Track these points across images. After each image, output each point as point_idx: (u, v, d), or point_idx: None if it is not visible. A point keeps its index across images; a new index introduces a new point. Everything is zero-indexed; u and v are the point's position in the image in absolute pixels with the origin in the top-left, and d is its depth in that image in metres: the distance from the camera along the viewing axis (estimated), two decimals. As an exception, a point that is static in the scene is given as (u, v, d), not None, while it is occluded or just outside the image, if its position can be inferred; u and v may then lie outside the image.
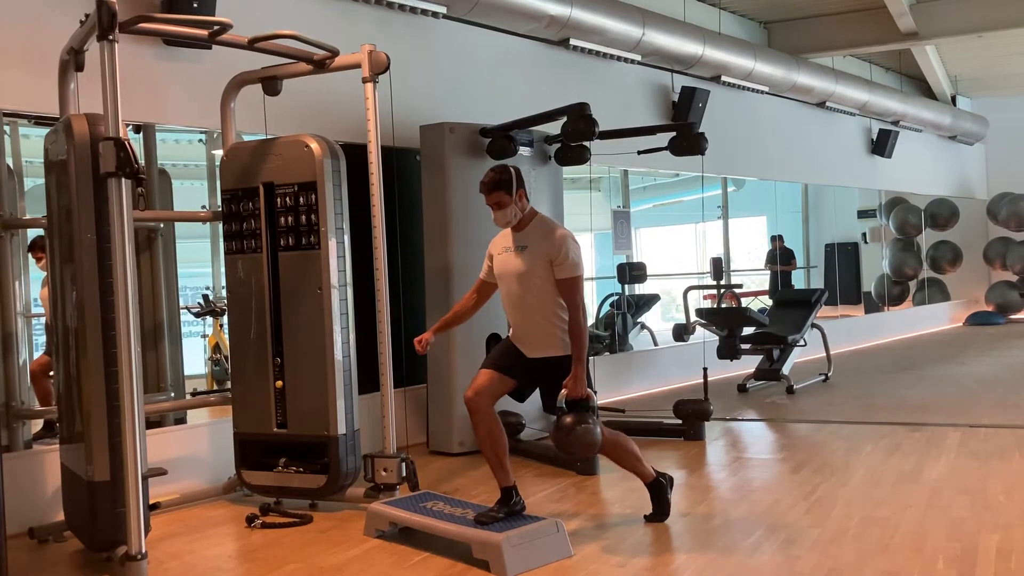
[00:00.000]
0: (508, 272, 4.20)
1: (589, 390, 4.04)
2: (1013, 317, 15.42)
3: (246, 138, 5.35)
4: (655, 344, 10.33)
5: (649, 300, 10.95)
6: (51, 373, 5.68)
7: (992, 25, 10.97)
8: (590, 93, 6.91)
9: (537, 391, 4.29)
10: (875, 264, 15.29)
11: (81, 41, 4.18)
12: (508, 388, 4.21)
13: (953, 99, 15.33)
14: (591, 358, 4.29)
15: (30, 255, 5.89)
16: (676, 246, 14.22)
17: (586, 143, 6.46)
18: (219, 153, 5.34)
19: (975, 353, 11.21)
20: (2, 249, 4.92)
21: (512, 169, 4.20)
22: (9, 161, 5.82)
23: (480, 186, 4.21)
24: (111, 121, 3.64)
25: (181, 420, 5.94)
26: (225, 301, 5.38)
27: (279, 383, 4.92)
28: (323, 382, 4.79)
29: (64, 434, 4.23)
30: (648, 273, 9.52)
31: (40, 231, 5.39)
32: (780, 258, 12.98)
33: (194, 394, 7.24)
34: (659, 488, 4.42)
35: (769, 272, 13.27)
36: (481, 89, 7.23)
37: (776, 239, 13.11)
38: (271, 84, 5.13)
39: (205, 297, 8.10)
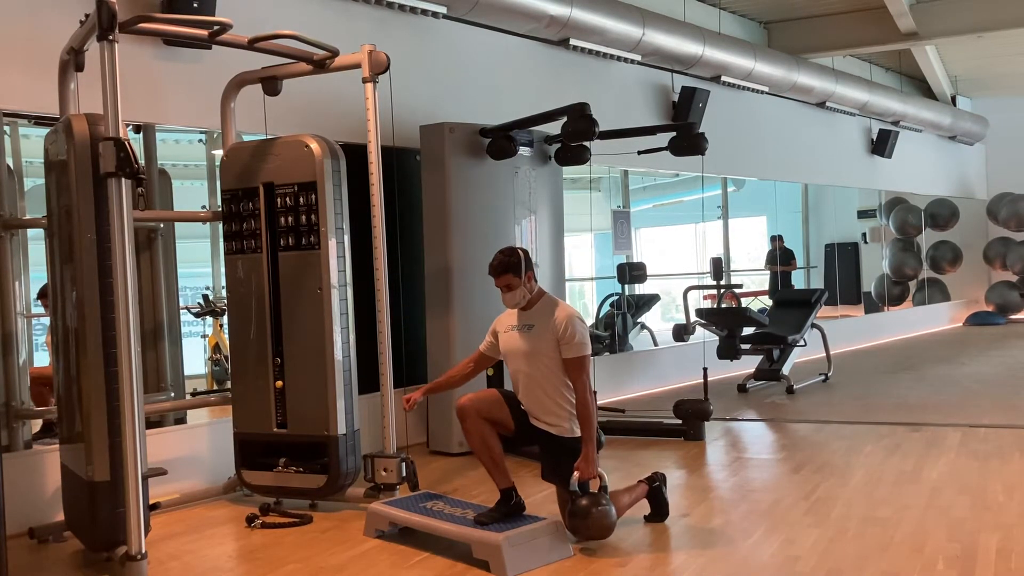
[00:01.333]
0: (515, 351, 4.19)
1: (600, 471, 4.04)
2: (1013, 317, 15.42)
3: (246, 138, 5.35)
4: (655, 344, 10.32)
5: (649, 300, 10.95)
6: (45, 386, 5.70)
7: (992, 25, 10.97)
8: (590, 93, 6.91)
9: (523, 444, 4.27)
10: (875, 264, 15.29)
11: (81, 41, 4.18)
12: (502, 418, 4.14)
13: (953, 99, 15.33)
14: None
15: (39, 300, 5.93)
16: (676, 246, 14.21)
17: (586, 143, 6.46)
18: (219, 153, 5.34)
19: (975, 353, 11.21)
20: (2, 249, 4.92)
21: (520, 251, 4.21)
22: (9, 161, 5.82)
23: (489, 268, 4.20)
24: (111, 121, 3.64)
25: (181, 420, 5.93)
26: (225, 301, 5.38)
27: (279, 383, 4.91)
28: (323, 382, 4.79)
29: (64, 434, 4.23)
30: (648, 273, 9.53)
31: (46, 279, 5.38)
32: (780, 258, 12.98)
33: (194, 394, 7.24)
34: (655, 492, 4.44)
35: (769, 272, 13.27)
36: (481, 89, 7.23)
37: (776, 239, 13.11)
38: (271, 84, 5.13)
39: (205, 297, 8.11)
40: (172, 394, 5.86)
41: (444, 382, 4.56)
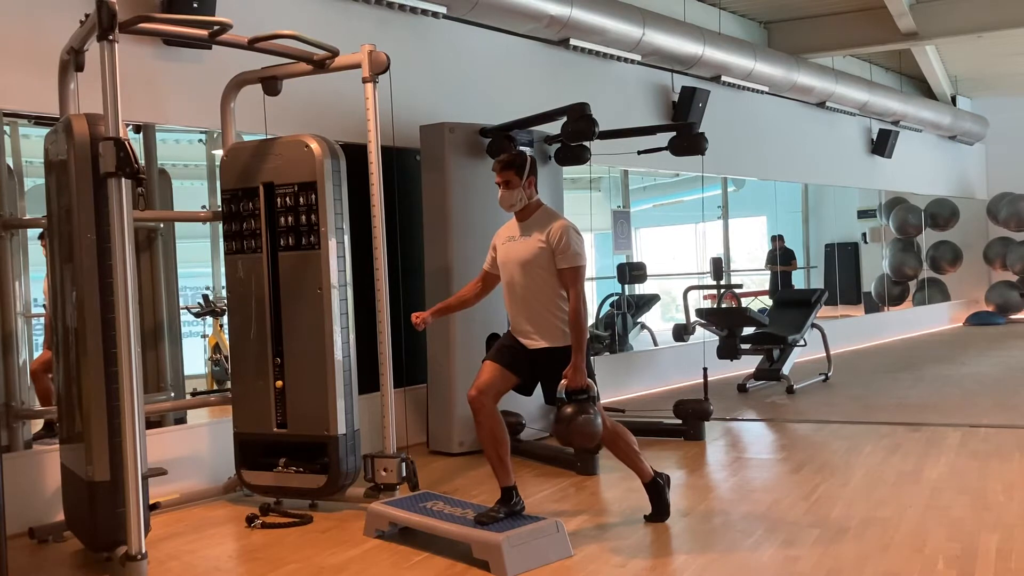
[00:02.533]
0: (510, 260, 4.22)
1: (589, 380, 4.04)
2: (1013, 317, 15.42)
3: (246, 138, 5.35)
4: (655, 344, 10.32)
5: (649, 300, 10.95)
6: (50, 374, 5.69)
7: (992, 25, 10.97)
8: (590, 93, 6.91)
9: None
10: (875, 264, 15.29)
11: (81, 41, 4.18)
12: (511, 385, 4.22)
13: (953, 99, 15.34)
14: (592, 357, 4.29)
15: (39, 241, 5.88)
16: (676, 246, 14.22)
17: (586, 143, 6.46)
18: (219, 153, 5.34)
19: (975, 353, 11.21)
20: (2, 249, 4.92)
21: (529, 156, 4.26)
22: (9, 161, 5.82)
23: (494, 163, 4.27)
24: (111, 121, 3.64)
25: (181, 420, 5.93)
26: (225, 301, 5.38)
27: (279, 383, 4.91)
28: (323, 382, 4.79)
29: (64, 434, 4.23)
30: (648, 273, 9.53)
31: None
32: (780, 258, 12.98)
33: (194, 394, 7.24)
34: (657, 488, 4.43)
35: (769, 272, 13.27)
36: (481, 89, 7.23)
37: (776, 239, 13.11)
38: (271, 84, 5.13)
39: (205, 297, 8.10)
40: (172, 394, 5.87)
41: (454, 302, 4.62)
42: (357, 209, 5.02)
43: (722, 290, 10.68)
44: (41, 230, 5.79)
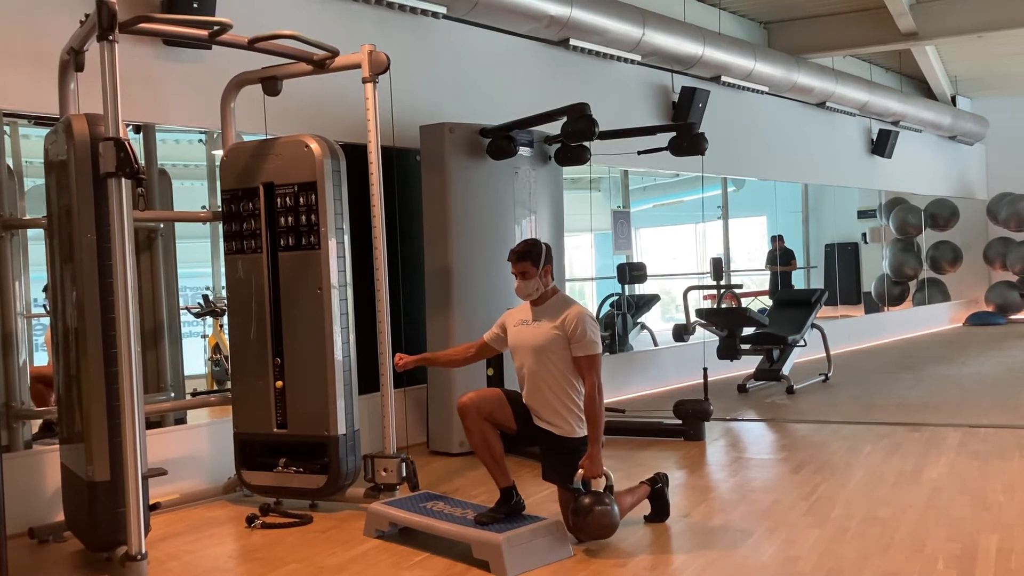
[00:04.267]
0: (523, 345, 4.19)
1: (606, 470, 4.03)
2: (1013, 317, 15.42)
3: (246, 138, 5.34)
4: (655, 344, 10.32)
5: (649, 300, 10.95)
6: (45, 384, 5.69)
7: (992, 25, 10.97)
8: (590, 93, 6.91)
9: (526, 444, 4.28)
10: (875, 264, 15.29)
11: (81, 41, 4.18)
12: (504, 418, 4.14)
13: (953, 99, 15.33)
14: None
15: (44, 295, 5.91)
16: (676, 246, 14.22)
17: (586, 143, 6.46)
18: (219, 153, 5.34)
19: (975, 353, 11.21)
20: (2, 249, 4.92)
21: (544, 245, 4.24)
22: (9, 161, 5.82)
23: (509, 253, 4.24)
24: (111, 121, 3.64)
25: (181, 420, 5.93)
26: (225, 301, 5.38)
27: (279, 383, 4.91)
28: (323, 382, 4.79)
29: (64, 434, 4.23)
30: (648, 273, 9.53)
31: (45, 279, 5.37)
32: (780, 258, 12.97)
33: (194, 394, 7.24)
34: (657, 493, 4.44)
35: (769, 272, 13.26)
36: (481, 89, 7.23)
37: (776, 239, 13.11)
38: (271, 84, 5.13)
39: (205, 297, 8.10)
40: (172, 394, 5.86)
41: (442, 358, 4.64)
42: (357, 209, 5.02)
43: (722, 290, 10.68)
44: (46, 286, 5.81)
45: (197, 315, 8.02)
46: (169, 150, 7.65)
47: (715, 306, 10.07)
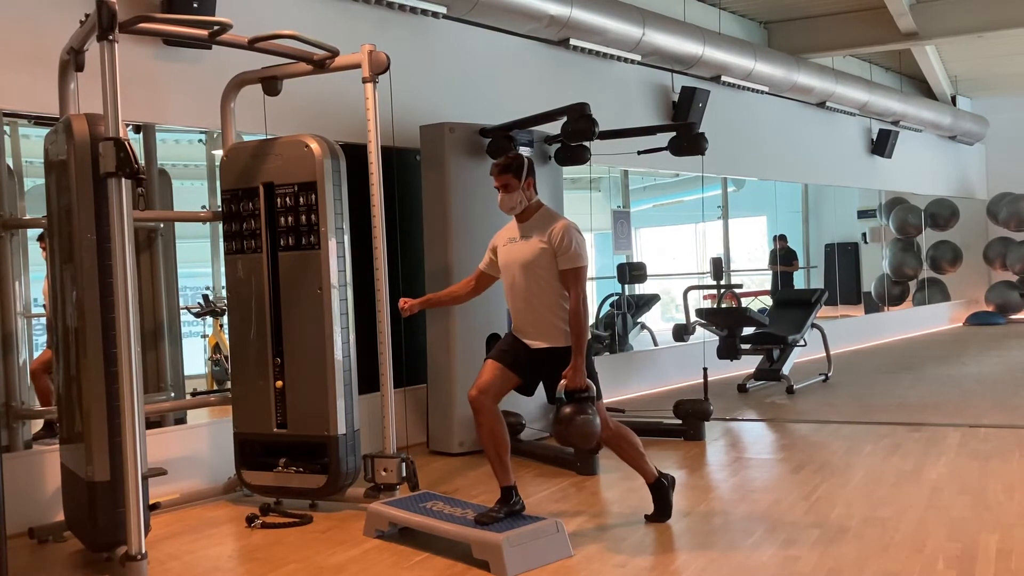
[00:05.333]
0: (512, 262, 4.22)
1: (589, 380, 4.04)
2: (1013, 317, 15.42)
3: (246, 138, 5.35)
4: (655, 344, 10.33)
5: (649, 300, 10.95)
6: (51, 372, 5.69)
7: (992, 25, 10.97)
8: (590, 93, 6.92)
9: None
10: (875, 264, 15.30)
11: (81, 41, 4.18)
12: (512, 385, 4.22)
13: (953, 99, 15.34)
14: (594, 357, 4.29)
15: (38, 243, 5.88)
16: (676, 246, 14.22)
17: (586, 143, 6.46)
18: (219, 153, 5.34)
19: (975, 353, 11.21)
20: (2, 249, 4.92)
21: (526, 158, 4.26)
22: (9, 161, 5.82)
23: (491, 167, 4.28)
24: (111, 121, 3.64)
25: (181, 420, 5.93)
26: (225, 301, 5.38)
27: (279, 383, 4.91)
28: (323, 382, 4.79)
29: (64, 434, 4.23)
30: (648, 273, 9.53)
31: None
32: (782, 259, 12.97)
33: (194, 394, 7.24)
34: (661, 488, 4.43)
35: (770, 272, 13.26)
36: (481, 89, 7.23)
37: (778, 239, 13.10)
38: (271, 84, 5.13)
39: (205, 297, 8.11)
40: (172, 394, 5.87)
41: (446, 297, 4.66)
42: (357, 209, 5.02)
43: (722, 290, 10.68)
44: (40, 232, 5.80)
45: (197, 315, 8.02)
46: (169, 150, 7.65)
47: (715, 306, 10.07)
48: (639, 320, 10.50)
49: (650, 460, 4.42)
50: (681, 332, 8.50)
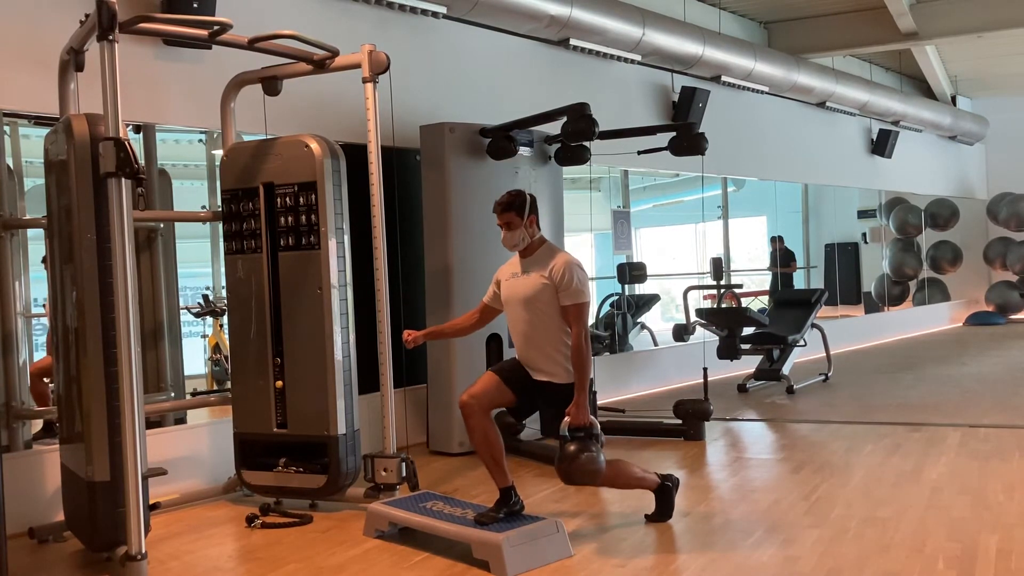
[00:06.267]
0: (514, 297, 4.21)
1: (592, 418, 4.04)
2: (1013, 317, 15.42)
3: (246, 138, 5.35)
4: (655, 344, 10.33)
5: (649, 300, 10.95)
6: (46, 380, 5.69)
7: (992, 25, 10.97)
8: (590, 93, 6.91)
9: (536, 414, 4.29)
10: (875, 264, 15.30)
11: (81, 41, 4.18)
12: (506, 401, 4.21)
13: (953, 99, 15.33)
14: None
15: (42, 264, 5.88)
16: (676, 246, 14.22)
17: (586, 143, 6.46)
18: (219, 153, 5.34)
19: (975, 353, 11.21)
20: (2, 249, 4.92)
21: (529, 195, 4.25)
22: (9, 161, 5.82)
23: (494, 205, 4.26)
24: (111, 121, 3.64)
25: (181, 420, 5.94)
26: (225, 301, 5.38)
27: (279, 383, 4.91)
28: (323, 382, 4.79)
29: (64, 434, 4.23)
30: (648, 273, 9.53)
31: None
32: (780, 259, 12.96)
33: (194, 394, 7.24)
34: (665, 491, 4.43)
35: (770, 273, 13.25)
36: (481, 89, 7.23)
37: (776, 240, 13.10)
38: (271, 84, 5.13)
39: (205, 297, 8.10)
40: (172, 394, 5.87)
41: (449, 330, 4.67)
42: (357, 209, 5.02)
43: (722, 290, 10.68)
44: (44, 255, 5.80)
45: (197, 315, 8.02)
46: (169, 150, 7.65)
47: (715, 306, 10.07)
48: (639, 320, 10.50)
49: (647, 471, 4.42)
50: (681, 332, 8.50)
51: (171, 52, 5.37)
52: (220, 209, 5.12)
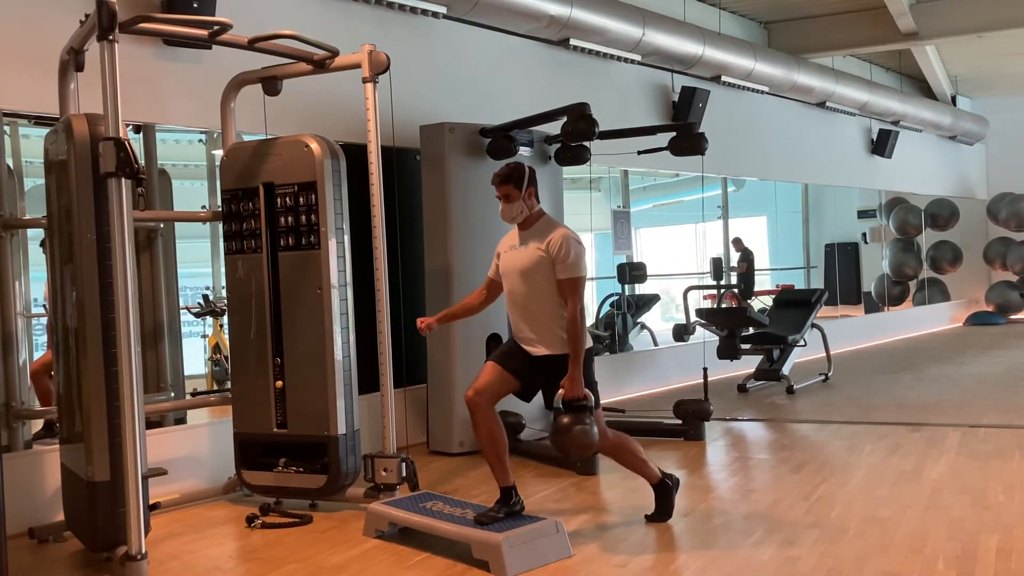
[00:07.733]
0: (512, 269, 4.22)
1: (587, 390, 4.04)
2: (1013, 317, 15.42)
3: (246, 138, 5.35)
4: (655, 344, 10.33)
5: (649, 300, 10.95)
6: (52, 373, 5.68)
7: (992, 25, 10.98)
8: (590, 93, 6.91)
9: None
10: (875, 264, 15.30)
11: (81, 41, 4.18)
12: (511, 389, 4.22)
13: (953, 99, 15.34)
14: (594, 366, 4.28)
15: (40, 248, 5.87)
16: (676, 246, 14.21)
17: (586, 143, 6.46)
18: (219, 153, 5.34)
19: (975, 353, 11.21)
20: (2, 249, 4.92)
21: (527, 168, 4.25)
22: (9, 161, 5.82)
23: (492, 177, 4.27)
24: (111, 121, 3.64)
25: (181, 420, 5.94)
26: (225, 301, 5.38)
27: (279, 383, 4.91)
28: (323, 382, 4.79)
29: (64, 434, 4.23)
30: (648, 273, 9.53)
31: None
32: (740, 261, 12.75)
33: (194, 394, 7.24)
34: (664, 489, 4.43)
35: (736, 275, 12.96)
36: (481, 89, 7.23)
37: (736, 242, 12.66)
38: (271, 84, 5.13)
39: (205, 297, 8.11)
40: (172, 394, 5.87)
41: (459, 310, 4.64)
42: (357, 209, 5.02)
43: (722, 290, 10.68)
44: (42, 237, 5.80)
45: (197, 315, 8.02)
46: (169, 150, 7.65)
47: (715, 306, 10.07)
48: (639, 320, 10.50)
49: (652, 462, 4.42)
50: (681, 332, 8.50)
51: (171, 52, 5.37)
52: (220, 209, 5.12)
